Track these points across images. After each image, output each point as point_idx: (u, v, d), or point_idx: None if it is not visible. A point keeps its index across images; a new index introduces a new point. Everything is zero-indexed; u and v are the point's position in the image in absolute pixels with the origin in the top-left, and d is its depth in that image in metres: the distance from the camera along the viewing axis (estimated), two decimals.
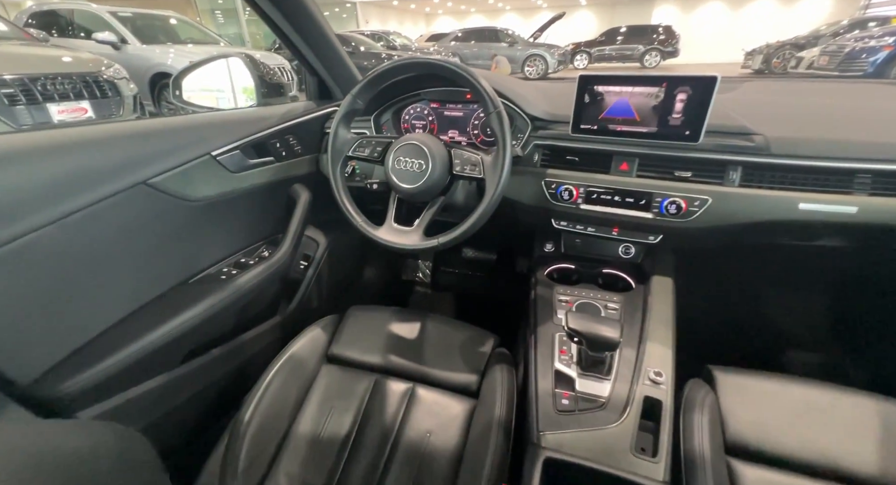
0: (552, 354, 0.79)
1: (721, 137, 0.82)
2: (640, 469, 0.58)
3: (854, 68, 6.99)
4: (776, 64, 9.01)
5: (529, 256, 1.18)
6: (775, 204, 0.78)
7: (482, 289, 1.68)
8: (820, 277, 1.26)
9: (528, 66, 10.32)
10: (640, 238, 0.95)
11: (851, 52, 6.94)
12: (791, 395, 0.73)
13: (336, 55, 1.12)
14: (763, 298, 1.34)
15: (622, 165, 0.91)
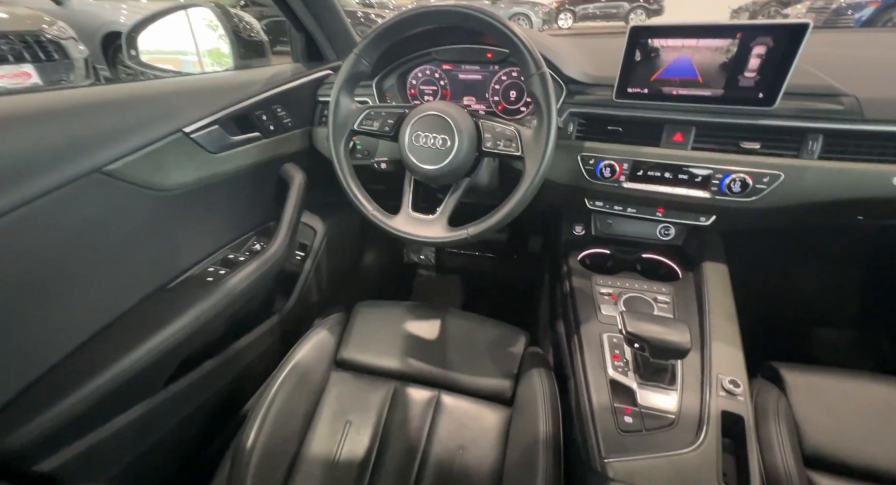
0: (603, 360, 0.68)
1: (801, 100, 0.70)
2: None
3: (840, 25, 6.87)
4: None
5: (545, 234, 1.06)
6: (863, 179, 0.68)
7: (492, 272, 1.57)
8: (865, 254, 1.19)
9: None
10: (690, 219, 0.84)
11: (838, 8, 6.82)
12: (864, 393, 0.66)
13: (329, 6, 0.92)
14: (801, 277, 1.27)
15: (675, 136, 0.78)
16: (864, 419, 0.63)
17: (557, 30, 11.42)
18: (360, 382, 0.77)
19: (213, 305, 0.72)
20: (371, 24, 6.98)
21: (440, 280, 1.58)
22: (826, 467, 0.60)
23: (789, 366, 0.70)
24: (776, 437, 0.59)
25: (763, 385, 0.68)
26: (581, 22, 12.06)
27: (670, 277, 0.86)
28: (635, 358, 0.65)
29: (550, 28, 10.89)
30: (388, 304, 0.91)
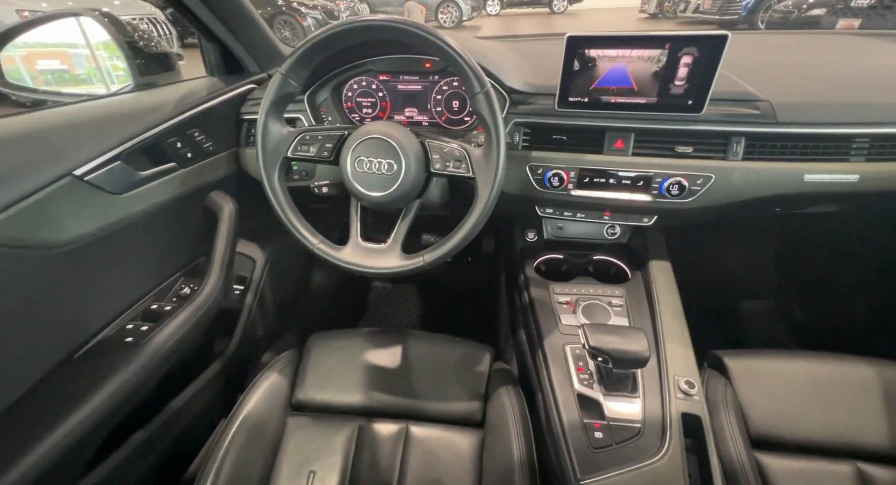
0: (569, 374, 0.69)
1: (724, 106, 0.74)
2: None
3: (731, 12, 7.65)
4: (667, 7, 9.54)
5: (498, 237, 1.06)
6: (780, 177, 0.74)
7: (449, 277, 1.55)
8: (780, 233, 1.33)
9: (441, 13, 9.71)
10: (634, 221, 0.88)
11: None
12: (797, 372, 0.73)
13: (242, 13, 0.82)
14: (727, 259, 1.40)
15: (616, 143, 0.80)
16: (798, 397, 0.69)
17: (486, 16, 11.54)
18: (321, 424, 0.72)
19: (138, 369, 0.63)
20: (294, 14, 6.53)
21: (396, 291, 1.54)
22: (770, 447, 0.66)
23: (731, 354, 0.76)
24: (727, 426, 0.64)
25: (711, 376, 0.73)
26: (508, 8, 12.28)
27: (621, 277, 0.90)
28: (599, 370, 0.67)
29: (479, 15, 10.95)
30: (344, 333, 0.86)
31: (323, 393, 0.76)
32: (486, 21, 11.08)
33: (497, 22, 11.14)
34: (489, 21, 11.17)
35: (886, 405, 0.67)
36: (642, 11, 10.66)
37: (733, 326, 1.33)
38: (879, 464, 0.62)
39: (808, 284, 1.31)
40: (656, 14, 9.97)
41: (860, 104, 0.73)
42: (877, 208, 0.85)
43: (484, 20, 11.13)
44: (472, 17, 10.19)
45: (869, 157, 0.72)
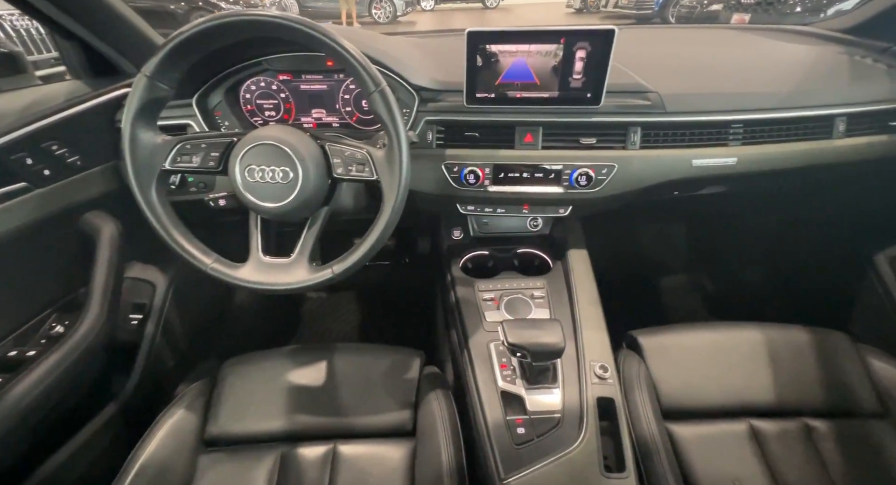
0: (493, 372, 0.69)
1: (619, 98, 0.78)
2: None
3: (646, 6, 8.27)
4: (591, 3, 10.10)
5: (432, 236, 1.05)
6: (673, 163, 0.79)
7: (387, 280, 1.51)
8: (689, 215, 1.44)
9: (374, 9, 9.50)
10: (551, 212, 0.90)
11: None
12: (701, 342, 0.79)
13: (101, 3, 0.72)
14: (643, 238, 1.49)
15: (526, 137, 0.81)
16: (701, 367, 0.75)
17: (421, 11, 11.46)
18: (238, 458, 0.66)
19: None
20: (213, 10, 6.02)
21: (333, 301, 1.47)
22: (680, 416, 0.70)
23: (644, 332, 0.81)
24: (640, 403, 0.67)
25: (627, 356, 0.77)
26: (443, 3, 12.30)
27: (544, 268, 0.92)
28: (521, 364, 0.67)
29: (414, 10, 10.85)
30: (263, 355, 0.79)
31: (240, 423, 0.70)
32: (421, 17, 11.01)
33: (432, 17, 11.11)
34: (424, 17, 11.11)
35: (771, 365, 0.74)
36: (569, 6, 11.18)
37: (655, 303, 1.43)
38: (767, 418, 0.69)
39: (712, 259, 1.43)
40: (581, 9, 10.50)
41: (735, 93, 0.80)
42: (756, 187, 0.94)
43: (419, 16, 11.05)
44: (407, 12, 10.08)
45: (744, 140, 0.79)
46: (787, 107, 0.78)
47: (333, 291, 1.48)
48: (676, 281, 1.48)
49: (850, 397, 0.70)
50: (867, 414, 0.69)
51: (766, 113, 0.78)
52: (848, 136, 0.78)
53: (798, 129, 0.78)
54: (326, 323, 1.38)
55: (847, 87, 0.80)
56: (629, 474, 0.56)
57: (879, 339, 0.88)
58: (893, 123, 0.79)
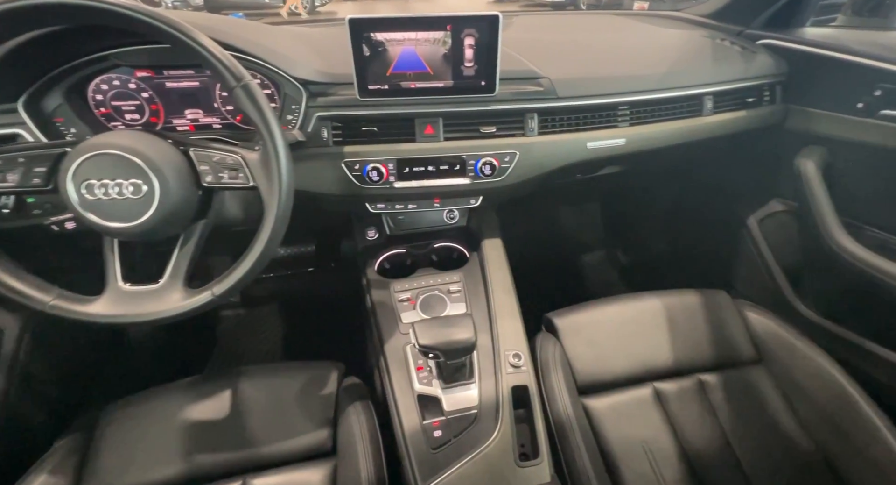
0: (409, 376, 0.67)
1: (513, 84, 0.78)
2: (528, 481, 0.56)
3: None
4: None
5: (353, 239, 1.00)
6: (570, 147, 0.81)
7: (311, 289, 1.42)
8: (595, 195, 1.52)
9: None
10: (462, 204, 0.89)
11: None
12: (610, 316, 0.83)
13: None
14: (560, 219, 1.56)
15: (427, 129, 0.78)
16: (610, 340, 0.79)
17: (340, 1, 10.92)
18: None
19: None
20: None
21: (250, 317, 1.36)
22: (594, 390, 0.74)
23: (559, 313, 0.83)
24: (556, 384, 0.69)
25: (544, 339, 0.79)
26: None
27: (462, 261, 0.91)
28: (437, 364, 0.66)
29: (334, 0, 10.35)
30: (152, 393, 0.70)
31: (124, 477, 0.61)
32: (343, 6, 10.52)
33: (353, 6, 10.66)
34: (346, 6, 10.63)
35: (668, 330, 0.80)
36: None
37: (577, 281, 1.51)
38: (668, 380, 0.75)
39: (625, 233, 1.54)
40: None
41: (621, 76, 0.84)
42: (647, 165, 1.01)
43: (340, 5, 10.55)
44: (326, 2, 9.57)
45: (631, 121, 0.83)
46: (664, 88, 0.83)
47: (252, 306, 1.37)
48: (595, 257, 1.57)
49: (732, 349, 0.78)
50: (746, 362, 0.77)
51: (648, 94, 0.83)
52: (715, 112, 0.86)
53: (674, 108, 0.85)
54: (244, 343, 1.27)
55: (711, 68, 0.88)
56: (542, 459, 0.57)
57: (754, 293, 1.00)
58: (749, 100, 0.88)
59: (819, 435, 0.68)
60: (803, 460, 0.66)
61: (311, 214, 1.06)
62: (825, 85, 0.83)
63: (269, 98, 0.74)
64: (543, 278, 0.85)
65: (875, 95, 0.73)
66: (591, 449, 0.63)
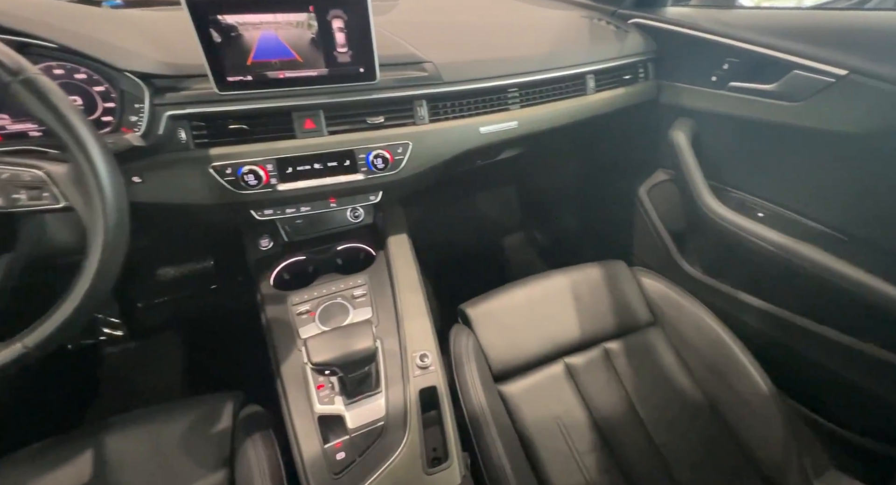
0: (309, 397, 0.62)
1: (396, 70, 0.73)
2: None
3: None
4: None
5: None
6: (463, 133, 0.79)
7: (212, 310, 1.27)
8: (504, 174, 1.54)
9: None
10: (361, 201, 0.83)
11: None
12: (520, 300, 0.84)
13: None
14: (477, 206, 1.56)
15: (307, 124, 0.71)
16: (521, 323, 0.80)
17: None
18: None
19: None
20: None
21: (141, 351, 1.18)
22: (510, 376, 0.74)
23: (472, 303, 0.83)
24: (470, 376, 0.68)
25: (459, 331, 0.78)
26: None
27: (368, 262, 0.86)
28: (339, 379, 0.61)
29: None
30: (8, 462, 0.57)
31: None
32: None
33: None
34: None
35: (574, 305, 0.83)
36: None
37: (499, 265, 1.54)
38: (577, 353, 0.78)
39: (540, 213, 1.59)
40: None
41: (508, 58, 0.83)
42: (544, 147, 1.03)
43: None
44: None
45: (522, 103, 0.83)
46: (550, 68, 0.84)
47: (142, 337, 1.19)
48: (515, 240, 1.61)
49: (631, 315, 0.83)
50: (644, 325, 0.83)
51: (535, 75, 0.83)
52: (598, 91, 0.89)
53: (561, 88, 0.86)
54: (136, 383, 1.10)
55: (591, 48, 0.90)
56: (451, 461, 0.55)
57: (650, 258, 1.08)
58: (626, 77, 0.93)
59: (706, 385, 0.75)
60: (694, 409, 0.73)
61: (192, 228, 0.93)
62: (686, 61, 0.90)
63: (103, 97, 0.62)
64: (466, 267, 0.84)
65: (724, 69, 0.81)
66: (507, 438, 0.63)
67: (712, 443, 0.70)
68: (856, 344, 0.69)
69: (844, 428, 0.75)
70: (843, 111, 0.65)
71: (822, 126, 0.68)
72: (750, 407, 0.70)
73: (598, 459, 0.67)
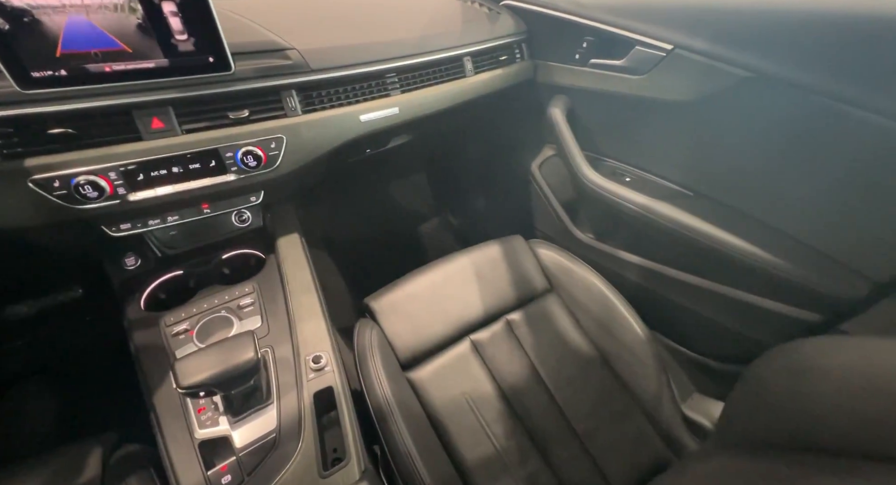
0: (188, 425, 0.57)
1: (255, 59, 0.67)
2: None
3: None
4: None
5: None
6: (341, 123, 0.76)
7: (87, 342, 1.10)
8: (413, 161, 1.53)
9: None
10: (243, 203, 0.77)
11: None
12: (423, 287, 0.84)
13: None
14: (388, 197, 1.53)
15: (154, 123, 0.63)
16: (425, 309, 0.81)
17: None
18: None
19: None
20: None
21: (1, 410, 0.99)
22: (418, 362, 0.75)
23: (375, 296, 0.81)
24: (374, 368, 0.68)
25: (363, 325, 0.76)
26: None
27: (259, 268, 0.80)
28: (223, 398, 0.56)
29: None
30: None
31: None
32: None
33: None
34: None
35: (477, 283, 0.86)
36: None
37: (415, 252, 1.54)
38: (481, 329, 0.81)
39: (451, 196, 1.61)
40: None
41: (382, 42, 0.80)
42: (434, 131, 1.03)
43: None
44: None
45: (402, 88, 0.82)
46: (426, 51, 0.83)
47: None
48: (430, 226, 1.62)
49: (530, 284, 0.88)
50: (541, 293, 0.88)
51: (412, 59, 0.82)
52: (476, 72, 0.91)
53: (439, 71, 0.86)
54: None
55: (466, 30, 0.91)
56: (349, 458, 0.55)
57: (548, 230, 1.15)
58: (502, 58, 0.95)
59: (597, 340, 0.83)
60: (588, 363, 0.80)
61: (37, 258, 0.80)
62: (554, 40, 0.95)
63: None
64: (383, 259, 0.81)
65: (584, 47, 0.86)
66: (414, 424, 0.63)
67: (604, 391, 0.77)
68: (706, 285, 0.81)
69: (704, 356, 0.88)
70: (673, 82, 0.73)
71: (661, 96, 0.76)
72: (631, 352, 0.79)
73: (506, 426, 0.71)
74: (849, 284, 0.62)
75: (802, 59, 0.59)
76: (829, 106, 0.59)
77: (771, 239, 0.70)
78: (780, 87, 0.62)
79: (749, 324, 0.77)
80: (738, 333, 0.79)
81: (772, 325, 0.74)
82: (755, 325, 0.76)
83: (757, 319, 0.75)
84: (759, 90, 0.64)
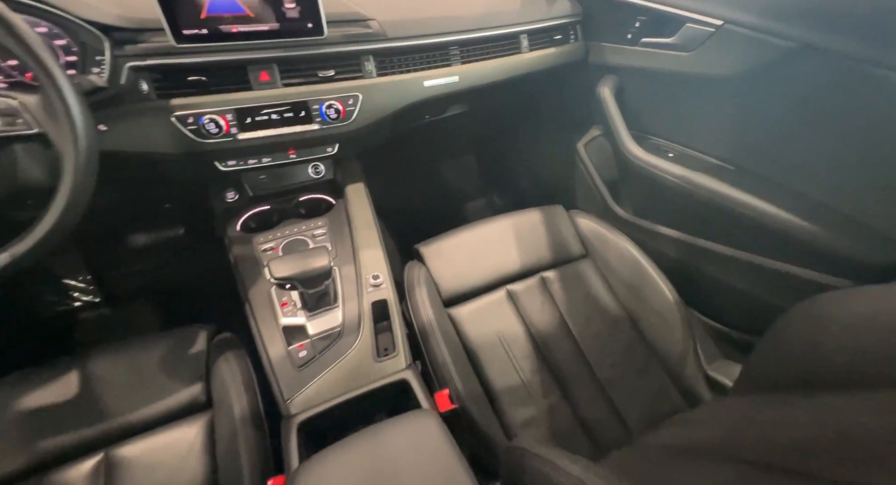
0: (274, 313, 0.70)
1: (342, 27, 0.80)
2: (385, 370, 0.64)
3: None
4: None
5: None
6: (408, 86, 0.87)
7: (185, 277, 1.31)
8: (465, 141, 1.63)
9: None
10: (320, 153, 0.91)
11: None
12: (469, 239, 0.94)
13: None
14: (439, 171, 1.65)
15: (262, 76, 0.77)
16: (469, 258, 0.90)
17: None
18: None
19: None
20: None
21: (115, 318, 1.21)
22: (458, 301, 0.84)
23: (426, 243, 0.92)
24: (420, 299, 0.78)
25: (412, 266, 0.87)
26: None
27: (328, 209, 0.94)
28: (302, 297, 0.69)
29: None
30: None
31: None
32: None
33: None
34: None
35: (516, 242, 0.94)
36: None
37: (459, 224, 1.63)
38: (517, 281, 0.89)
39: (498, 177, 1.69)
40: None
41: (447, 17, 0.91)
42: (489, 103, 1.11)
43: None
44: None
45: (463, 59, 0.92)
46: (486, 27, 0.93)
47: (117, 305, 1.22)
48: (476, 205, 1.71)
49: (566, 248, 0.95)
50: (576, 257, 0.94)
51: (472, 33, 0.91)
52: (532, 50, 0.99)
53: (497, 46, 0.95)
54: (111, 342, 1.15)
55: (523, 9, 0.99)
56: (398, 352, 0.65)
57: (588, 206, 1.20)
58: (557, 37, 1.02)
59: (626, 302, 0.88)
60: (616, 322, 0.85)
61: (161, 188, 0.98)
62: (607, 21, 1.01)
63: (65, 50, 0.66)
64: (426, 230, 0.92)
65: (636, 27, 0.91)
66: (452, 345, 0.73)
67: (628, 347, 0.82)
68: (741, 255, 0.83)
69: (736, 330, 0.89)
70: (721, 57, 0.77)
71: (709, 71, 0.80)
72: (660, 315, 0.83)
73: (533, 363, 0.78)
74: (884, 250, 0.63)
75: (852, 29, 0.61)
76: (878, 75, 0.60)
77: (807, 208, 0.72)
78: (827, 58, 0.64)
79: (781, 293, 0.78)
80: (770, 303, 0.81)
81: (806, 293, 0.75)
82: (787, 293, 0.77)
83: (790, 288, 0.76)
84: (805, 62, 0.67)
